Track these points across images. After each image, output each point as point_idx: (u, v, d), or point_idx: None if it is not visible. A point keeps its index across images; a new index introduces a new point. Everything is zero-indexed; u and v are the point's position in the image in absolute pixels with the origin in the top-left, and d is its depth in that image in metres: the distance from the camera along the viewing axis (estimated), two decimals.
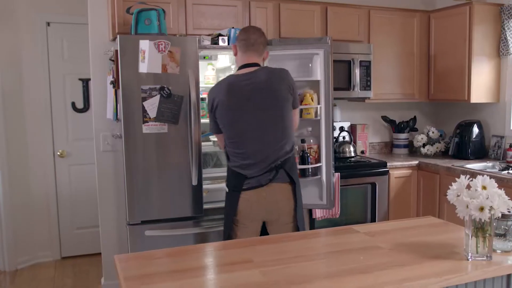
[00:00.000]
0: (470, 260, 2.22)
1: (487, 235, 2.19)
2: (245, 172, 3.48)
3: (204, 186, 4.28)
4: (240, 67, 3.60)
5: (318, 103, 4.35)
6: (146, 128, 4.01)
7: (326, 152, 4.37)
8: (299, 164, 4.23)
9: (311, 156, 4.37)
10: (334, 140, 4.31)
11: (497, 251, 2.30)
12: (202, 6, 4.61)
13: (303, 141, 4.40)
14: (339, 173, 4.73)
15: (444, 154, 5.68)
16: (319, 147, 4.41)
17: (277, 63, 4.37)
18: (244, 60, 3.60)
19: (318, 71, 4.33)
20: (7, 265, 5.47)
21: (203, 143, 4.33)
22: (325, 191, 4.39)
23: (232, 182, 3.57)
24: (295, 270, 2.13)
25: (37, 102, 5.65)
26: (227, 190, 3.62)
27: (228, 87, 3.52)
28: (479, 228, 2.19)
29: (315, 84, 4.39)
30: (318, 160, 4.42)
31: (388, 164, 5.12)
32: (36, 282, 5.18)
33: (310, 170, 4.33)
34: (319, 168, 4.41)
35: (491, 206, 2.12)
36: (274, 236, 2.64)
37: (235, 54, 3.68)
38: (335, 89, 4.94)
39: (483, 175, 2.26)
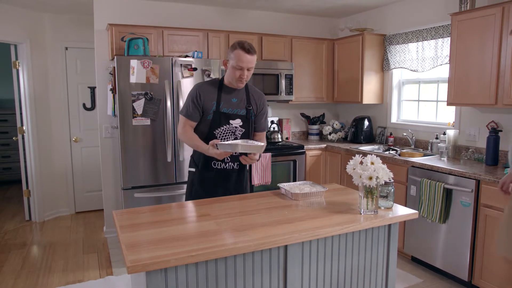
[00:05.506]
0: (362, 214, 2.17)
1: (374, 196, 2.16)
2: None
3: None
4: None
5: None
6: (135, 122, 3.95)
7: None
8: None
9: None
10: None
11: (381, 207, 2.27)
12: (175, 36, 4.49)
13: None
14: (270, 153, 4.67)
15: (344, 140, 5.66)
16: None
17: None
18: None
19: None
20: (38, 217, 5.42)
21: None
22: None
23: None
24: (240, 221, 2.05)
25: (58, 103, 5.56)
26: None
27: None
28: (369, 192, 2.15)
29: None
30: None
31: (304, 146, 5.04)
32: (58, 230, 5.09)
33: None
34: None
35: (377, 176, 2.09)
36: (225, 197, 2.54)
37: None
38: (268, 94, 4.91)
39: (371, 154, 2.22)
